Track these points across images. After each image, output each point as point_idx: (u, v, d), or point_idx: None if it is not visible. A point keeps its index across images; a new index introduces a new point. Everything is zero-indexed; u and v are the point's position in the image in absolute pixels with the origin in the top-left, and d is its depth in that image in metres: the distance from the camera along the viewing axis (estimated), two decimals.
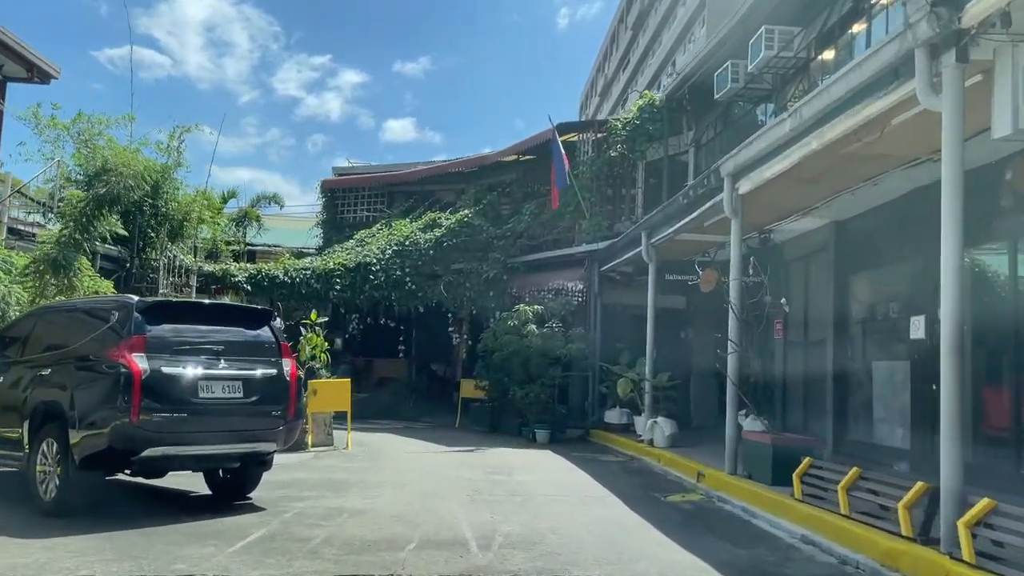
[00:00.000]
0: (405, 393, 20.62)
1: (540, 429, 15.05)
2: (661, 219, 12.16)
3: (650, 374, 13.08)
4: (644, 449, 12.56)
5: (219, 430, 7.26)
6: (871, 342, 10.56)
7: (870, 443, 10.11)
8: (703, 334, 16.99)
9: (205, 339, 7.41)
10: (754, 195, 9.23)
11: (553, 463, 11.86)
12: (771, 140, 7.80)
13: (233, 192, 22.71)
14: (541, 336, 15.39)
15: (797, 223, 11.40)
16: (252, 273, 18.34)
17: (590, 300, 16.91)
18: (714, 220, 11.09)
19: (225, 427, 7.31)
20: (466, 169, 21.46)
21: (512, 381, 15.96)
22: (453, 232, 19.08)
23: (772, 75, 13.27)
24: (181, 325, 7.37)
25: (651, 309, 13.15)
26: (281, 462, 11.40)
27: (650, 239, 12.94)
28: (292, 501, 8.00)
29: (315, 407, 13.13)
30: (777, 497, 7.43)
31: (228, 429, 7.33)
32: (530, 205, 18.90)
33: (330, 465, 11.02)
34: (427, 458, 12.16)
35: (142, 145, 16.87)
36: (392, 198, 23.11)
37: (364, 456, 12.16)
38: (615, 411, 15.36)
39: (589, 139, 18.04)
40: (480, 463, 11.46)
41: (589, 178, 17.34)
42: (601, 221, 17.03)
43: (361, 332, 22.75)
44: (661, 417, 12.52)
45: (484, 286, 18.44)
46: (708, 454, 11.27)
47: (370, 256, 18.96)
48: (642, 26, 42.82)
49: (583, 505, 8.17)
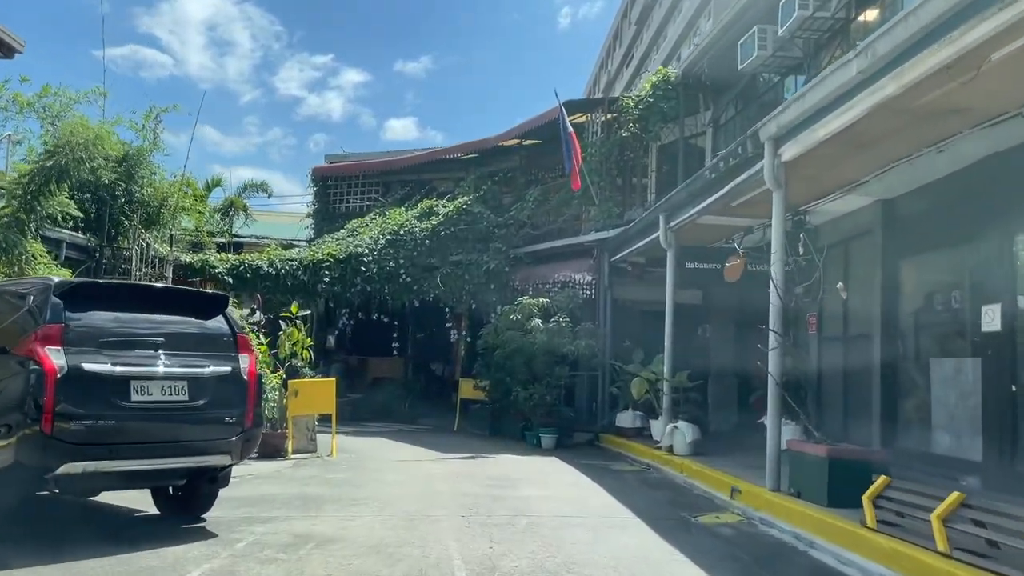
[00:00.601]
0: (401, 394, 19.26)
1: (545, 434, 13.73)
2: (683, 199, 10.81)
3: (668, 373, 11.74)
4: (662, 457, 11.22)
5: (157, 441, 5.95)
6: (927, 336, 9.21)
7: (927, 453, 8.75)
8: (722, 331, 15.66)
9: (142, 329, 6.09)
10: (797, 165, 7.89)
11: (561, 473, 10.53)
12: (830, 89, 6.45)
13: (218, 180, 21.45)
14: (547, 332, 14.05)
15: (837, 203, 10.05)
16: (234, 264, 16.99)
17: (599, 293, 15.57)
18: (744, 199, 9.76)
19: (165, 437, 5.99)
20: (465, 155, 20.10)
21: (514, 381, 14.64)
22: (451, 220, 17.72)
23: (804, 40, 11.92)
24: (113, 312, 6.04)
25: (670, 300, 11.81)
26: (253, 472, 10.09)
27: (669, 223, 11.60)
28: (253, 524, 6.68)
29: (296, 410, 11.83)
30: (841, 523, 6.08)
31: (169, 440, 6.02)
32: (534, 191, 17.54)
33: (308, 476, 9.69)
34: (420, 467, 10.83)
35: (114, 124, 15.56)
36: (388, 187, 21.77)
37: (349, 465, 10.84)
38: (627, 414, 14.02)
39: (598, 120, 16.69)
40: (479, 473, 10.13)
41: (598, 161, 15.99)
42: (612, 207, 15.69)
43: (354, 329, 21.46)
44: (682, 421, 11.18)
45: (484, 279, 17.09)
46: (737, 464, 9.94)
47: (362, 246, 17.60)
48: (646, 21, 41.61)
49: (601, 530, 6.83)
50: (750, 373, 15.29)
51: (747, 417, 14.98)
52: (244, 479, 9.44)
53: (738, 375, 15.24)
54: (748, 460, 10.45)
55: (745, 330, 15.33)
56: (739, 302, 15.01)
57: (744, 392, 15.26)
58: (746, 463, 10.12)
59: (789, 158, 7.65)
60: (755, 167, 8.30)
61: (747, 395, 15.27)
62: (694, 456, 10.88)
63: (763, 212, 11.09)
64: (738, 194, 9.37)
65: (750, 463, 10.11)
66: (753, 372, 15.26)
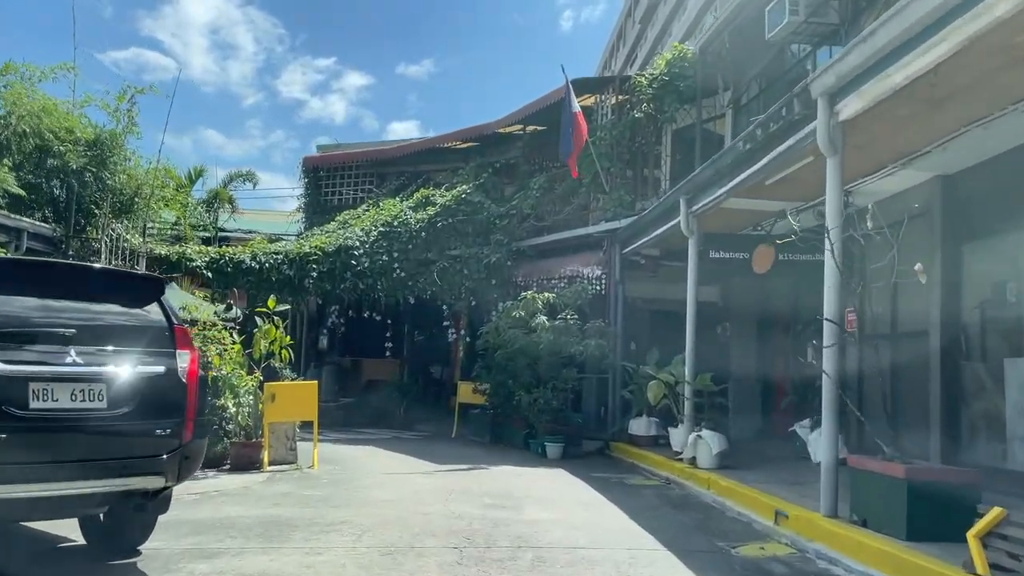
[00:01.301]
0: (396, 398, 17.99)
1: (551, 442, 12.46)
2: (709, 178, 9.53)
3: (690, 375, 10.45)
4: (685, 471, 9.93)
5: (65, 460, 4.67)
6: (997, 333, 7.94)
7: (1002, 469, 7.45)
8: (743, 330, 14.39)
9: (48, 318, 4.82)
10: (854, 128, 6.62)
11: (570, 489, 9.25)
12: (911, 21, 5.17)
13: (201, 170, 20.22)
14: (553, 330, 12.78)
15: (887, 181, 8.78)
16: (213, 257, 15.72)
17: (610, 288, 14.29)
18: (781, 176, 8.49)
19: (75, 455, 4.72)
20: (463, 143, 18.85)
21: (517, 384, 13.39)
22: (449, 210, 16.44)
23: (841, 2, 10.66)
24: (8, 295, 4.77)
25: (692, 293, 10.52)
26: (219, 488, 8.82)
27: (691, 206, 10.32)
28: (197, 559, 5.42)
29: (273, 416, 10.58)
30: (935, 566, 4.79)
31: (81, 458, 4.74)
32: (539, 178, 16.25)
33: (281, 493, 8.42)
34: (411, 481, 9.55)
35: (83, 104, 14.36)
36: (382, 179, 20.50)
37: (331, 479, 9.57)
38: (641, 420, 12.75)
39: (608, 102, 15.42)
40: (477, 489, 8.85)
41: (609, 145, 14.71)
42: (623, 195, 14.40)
43: (347, 328, 20.17)
44: (706, 430, 9.89)
45: (485, 273, 15.83)
46: (773, 480, 8.66)
47: (352, 239, 16.31)
48: (651, 20, 40.52)
49: (624, 567, 5.55)
50: (773, 375, 14.09)
51: (770, 424, 13.71)
52: (206, 497, 8.19)
53: (760, 379, 13.98)
54: (783, 475, 9.18)
55: (769, 328, 14.10)
56: (762, 297, 13.75)
57: (767, 396, 14.01)
58: (782, 479, 8.85)
59: (848, 116, 6.37)
60: (802, 131, 7.03)
61: (769, 399, 14.01)
62: (721, 470, 9.60)
63: (799, 193, 9.83)
64: (777, 168, 8.09)
65: (787, 478, 8.85)
66: (778, 374, 14.04)
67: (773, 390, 13.77)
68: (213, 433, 10.60)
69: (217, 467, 10.51)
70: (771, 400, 13.72)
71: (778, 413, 13.53)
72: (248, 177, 21.89)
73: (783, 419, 13.56)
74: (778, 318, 13.32)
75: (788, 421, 12.85)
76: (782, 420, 13.49)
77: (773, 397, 13.73)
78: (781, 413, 13.52)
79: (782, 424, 13.31)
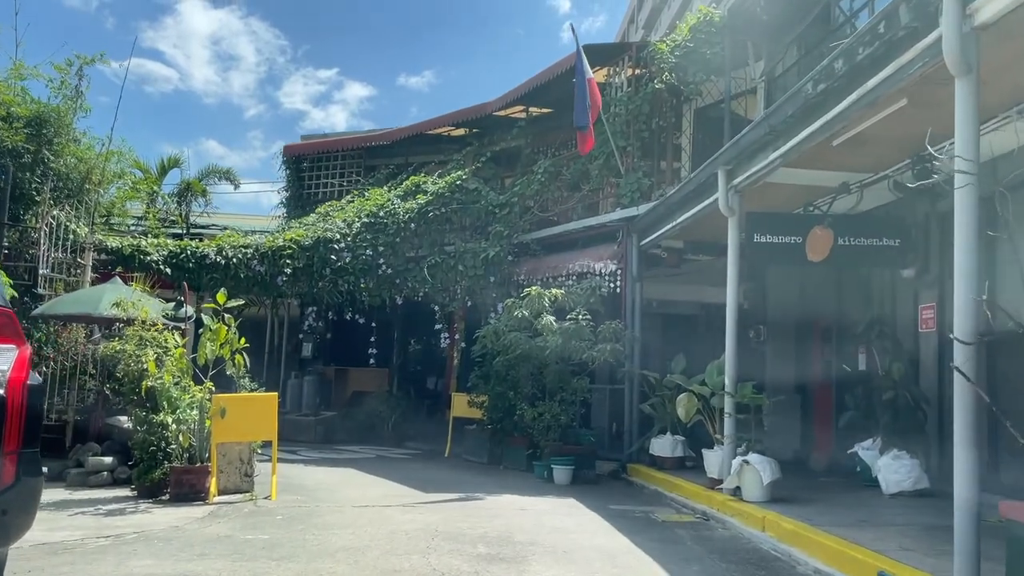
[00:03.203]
0: (384, 411, 16.05)
1: (559, 465, 10.55)
2: (760, 138, 7.65)
3: (731, 386, 8.53)
4: (725, 503, 8.01)
5: None
6: None
7: None
8: (780, 334, 12.49)
9: None
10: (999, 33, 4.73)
11: (588, 531, 7.32)
12: None
13: (176, 160, 18.30)
14: (562, 332, 10.89)
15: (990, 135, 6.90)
16: (172, 251, 13.79)
17: (626, 286, 12.40)
18: (864, 127, 6.62)
19: None
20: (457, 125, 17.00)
21: (519, 396, 11.52)
22: (442, 199, 14.54)
23: None
24: None
25: (732, 286, 8.62)
26: (142, 527, 6.89)
27: (733, 179, 8.45)
28: None
29: (222, 435, 8.72)
30: None
31: None
32: (544, 162, 14.34)
33: (215, 538, 6.52)
34: (387, 519, 7.63)
35: (13, 74, 12.54)
36: (370, 170, 18.64)
37: (287, 515, 7.67)
38: (665, 439, 10.85)
39: (623, 74, 13.57)
40: (469, 531, 6.94)
41: (624, 121, 12.84)
42: (641, 179, 12.51)
43: (333, 334, 18.27)
44: (754, 454, 7.97)
45: (482, 270, 13.94)
46: (846, 519, 6.76)
47: (332, 231, 14.40)
48: (653, 25, 38.91)
49: None
50: (816, 386, 12.20)
51: (810, 443, 11.81)
52: (119, 542, 6.33)
53: (799, 390, 12.06)
54: (854, 511, 7.29)
55: (811, 331, 12.22)
56: (808, 293, 11.87)
57: (808, 410, 12.11)
58: (857, 517, 6.96)
59: (989, 18, 4.49)
60: (909, 52, 5.14)
61: (810, 414, 12.12)
62: (773, 503, 7.70)
63: (870, 161, 7.96)
64: (859, 116, 6.22)
65: (863, 517, 6.96)
66: (820, 385, 12.15)
67: (815, 403, 11.86)
68: (150, 456, 8.78)
69: (154, 497, 8.66)
70: (813, 415, 11.81)
71: (821, 431, 11.63)
72: (227, 175, 19.96)
73: (824, 437, 11.68)
74: (827, 318, 11.43)
75: (831, 440, 10.99)
76: (823, 438, 11.60)
77: (816, 412, 11.82)
78: (822, 431, 11.63)
79: (823, 442, 11.42)
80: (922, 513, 7.16)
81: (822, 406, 11.78)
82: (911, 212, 8.81)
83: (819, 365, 11.94)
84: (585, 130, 11.58)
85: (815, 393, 11.86)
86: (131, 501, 8.49)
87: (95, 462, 9.70)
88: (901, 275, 8.91)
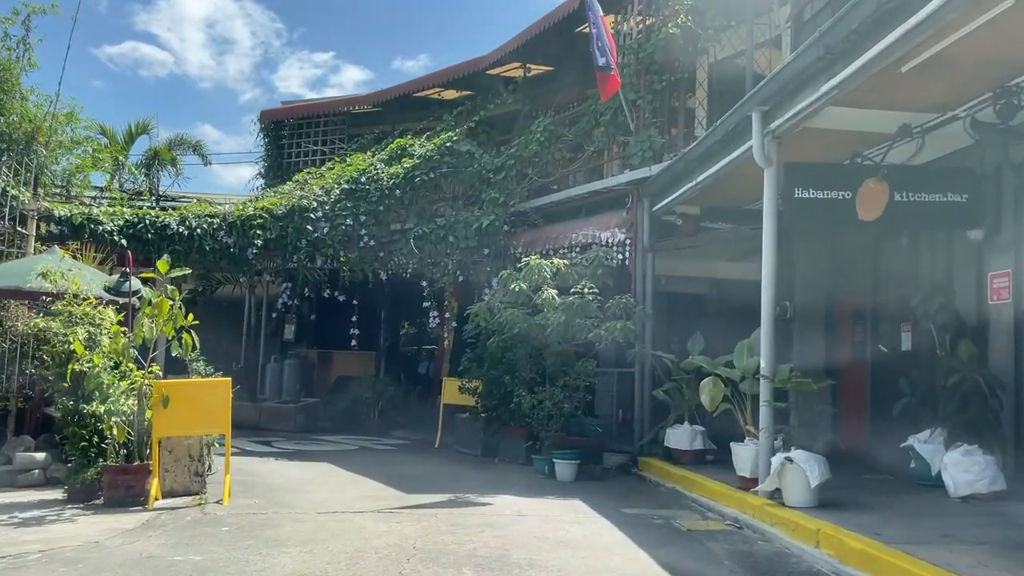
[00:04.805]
0: (371, 398, 14.75)
1: (562, 459, 9.25)
2: (809, 64, 6.26)
3: (768, 368, 7.19)
4: (765, 509, 6.70)
5: None
6: None
7: None
8: (809, 311, 11.11)
9: None
10: None
11: (601, 546, 6.00)
12: None
13: (145, 125, 16.80)
14: (565, 308, 9.54)
15: None
16: (129, 220, 12.34)
17: (636, 257, 11.04)
18: (945, 44, 5.24)
19: None
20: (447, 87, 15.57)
21: (516, 381, 10.20)
22: (430, 162, 13.09)
23: None
24: None
25: (769, 250, 7.28)
26: (52, 542, 5.54)
27: (770, 122, 7.07)
28: None
29: (165, 429, 7.41)
30: None
31: None
32: (544, 120, 12.88)
33: (138, 558, 5.19)
34: (357, 529, 6.29)
35: None
36: (353, 139, 17.18)
37: (237, 525, 6.35)
38: (683, 430, 9.54)
39: (631, 24, 12.13)
40: (455, 550, 5.61)
41: (635, 72, 11.42)
42: (654, 136, 11.11)
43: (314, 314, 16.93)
44: (799, 451, 6.64)
45: (475, 241, 12.57)
46: (921, 534, 5.45)
47: (308, 198, 12.96)
48: None
49: None
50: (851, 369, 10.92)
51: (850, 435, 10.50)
52: (8, 567, 4.98)
53: (830, 373, 10.74)
54: (924, 520, 6.00)
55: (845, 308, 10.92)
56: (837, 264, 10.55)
57: (842, 396, 10.79)
58: (933, 529, 5.66)
59: None
60: None
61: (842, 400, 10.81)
62: (821, 509, 6.39)
63: (939, 96, 6.57)
64: (953, 23, 4.83)
65: (940, 527, 5.67)
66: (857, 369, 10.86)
67: (850, 389, 10.55)
68: (82, 453, 7.45)
69: (87, 501, 7.35)
70: (848, 402, 10.49)
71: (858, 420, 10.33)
72: (195, 148, 18.45)
73: (860, 428, 10.39)
74: (863, 292, 10.09)
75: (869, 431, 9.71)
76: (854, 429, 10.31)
77: (851, 398, 10.50)
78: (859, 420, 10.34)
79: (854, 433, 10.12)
80: (1009, 524, 5.87)
81: (857, 392, 10.48)
82: (980, 163, 7.43)
83: (854, 345, 10.63)
84: (609, 71, 10.15)
85: (850, 377, 10.55)
86: (58, 506, 7.18)
87: (25, 459, 8.38)
88: (967, 237, 7.54)
